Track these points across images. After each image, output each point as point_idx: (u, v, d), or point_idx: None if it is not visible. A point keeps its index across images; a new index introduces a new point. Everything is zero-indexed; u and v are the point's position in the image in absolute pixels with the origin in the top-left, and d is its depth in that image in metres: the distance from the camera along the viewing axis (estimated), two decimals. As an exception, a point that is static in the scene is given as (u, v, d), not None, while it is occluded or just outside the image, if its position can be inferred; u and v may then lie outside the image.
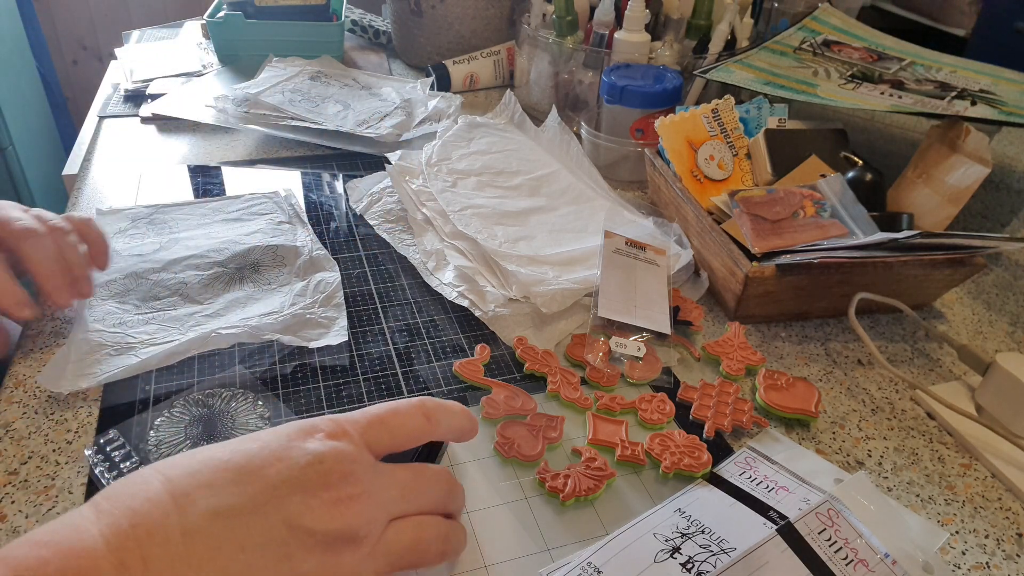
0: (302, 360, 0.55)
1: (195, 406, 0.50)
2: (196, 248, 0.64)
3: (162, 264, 0.62)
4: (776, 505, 0.44)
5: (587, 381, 0.55)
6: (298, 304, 0.58)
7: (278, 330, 0.55)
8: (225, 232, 0.67)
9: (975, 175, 0.64)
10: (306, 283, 0.61)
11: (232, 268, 0.63)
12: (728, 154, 0.73)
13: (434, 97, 0.95)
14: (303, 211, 0.72)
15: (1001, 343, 0.64)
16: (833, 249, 0.57)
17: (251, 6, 1.02)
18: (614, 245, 0.64)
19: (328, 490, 0.33)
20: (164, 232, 0.67)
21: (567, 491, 0.45)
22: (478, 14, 1.06)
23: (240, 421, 0.50)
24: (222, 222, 0.69)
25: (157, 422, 0.49)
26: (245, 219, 0.70)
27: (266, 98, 0.88)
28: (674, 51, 0.89)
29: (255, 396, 0.51)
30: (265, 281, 0.62)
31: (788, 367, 0.59)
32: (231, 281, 0.62)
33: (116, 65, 1.07)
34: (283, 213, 0.71)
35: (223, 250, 0.64)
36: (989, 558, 0.45)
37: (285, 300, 0.59)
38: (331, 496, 0.33)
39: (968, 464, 0.51)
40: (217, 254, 0.63)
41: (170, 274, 0.61)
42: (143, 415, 0.49)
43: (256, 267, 0.63)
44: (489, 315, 0.59)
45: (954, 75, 0.78)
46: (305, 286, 0.60)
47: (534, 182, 0.77)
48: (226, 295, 0.60)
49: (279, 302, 0.59)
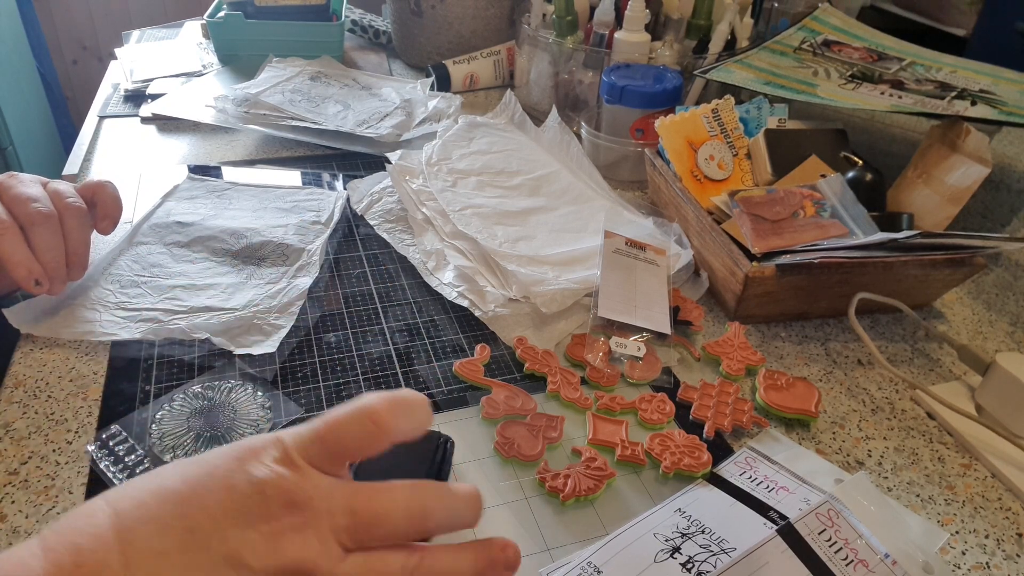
0: (302, 360, 0.55)
1: (195, 399, 0.51)
2: (226, 226, 0.67)
3: (188, 239, 0.66)
4: (776, 505, 0.44)
5: (587, 381, 0.55)
6: (262, 306, 0.58)
7: (215, 331, 0.56)
8: (265, 219, 0.70)
9: (975, 175, 0.64)
10: (284, 286, 0.61)
11: (241, 257, 0.64)
12: (728, 154, 0.73)
13: (434, 97, 0.95)
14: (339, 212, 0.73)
15: (1001, 343, 0.64)
16: (833, 249, 0.57)
17: (251, 6, 1.02)
18: (614, 245, 0.64)
19: (268, 522, 0.30)
20: (219, 206, 0.71)
21: (567, 491, 0.45)
22: (478, 14, 1.06)
23: (242, 412, 0.50)
24: (274, 210, 0.72)
25: (158, 415, 0.49)
26: (293, 212, 0.72)
27: (266, 98, 0.88)
28: (674, 51, 0.89)
29: (254, 387, 0.52)
30: (259, 275, 0.62)
31: (788, 367, 0.59)
32: (232, 267, 0.63)
33: (116, 65, 1.07)
34: (325, 214, 0.72)
35: (243, 238, 0.66)
36: (989, 558, 0.45)
37: (254, 298, 0.59)
38: (271, 529, 0.30)
39: (968, 464, 0.51)
40: (236, 241, 0.66)
41: (189, 251, 0.65)
42: (143, 411, 0.49)
43: (260, 260, 0.64)
44: (489, 315, 0.59)
45: (954, 75, 0.78)
46: (280, 289, 0.61)
47: (534, 182, 0.77)
48: (218, 278, 0.61)
49: (247, 299, 0.59)
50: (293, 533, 0.30)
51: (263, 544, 0.30)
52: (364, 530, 0.32)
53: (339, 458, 0.33)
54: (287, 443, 0.32)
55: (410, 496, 0.33)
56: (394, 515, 0.32)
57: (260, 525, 0.30)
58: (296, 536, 0.30)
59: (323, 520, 0.31)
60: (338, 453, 0.33)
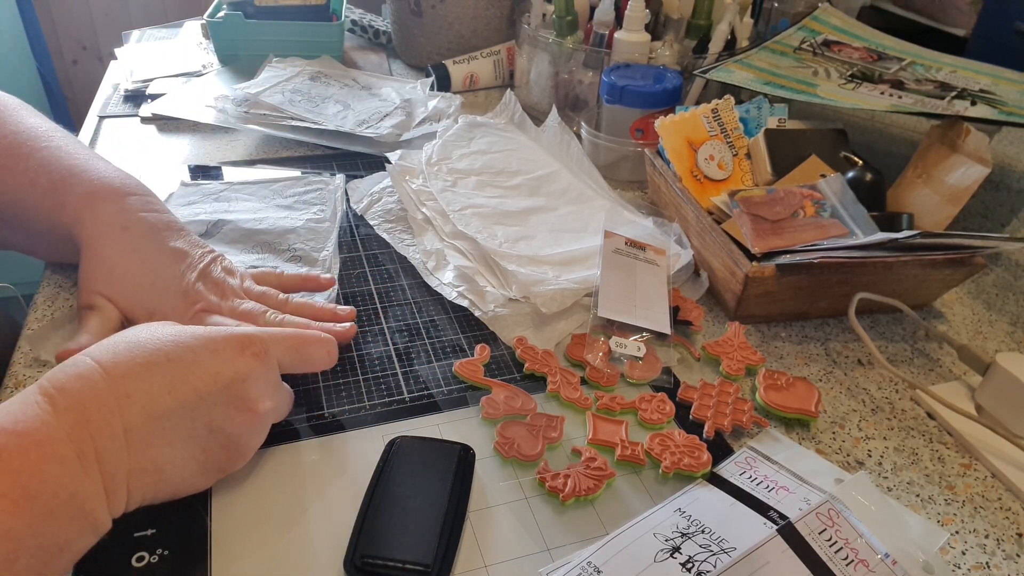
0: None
1: None
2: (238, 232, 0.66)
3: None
4: (776, 505, 0.44)
5: (587, 381, 0.55)
6: None
7: None
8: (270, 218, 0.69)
9: (975, 175, 0.64)
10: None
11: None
12: (728, 154, 0.73)
13: (434, 97, 0.95)
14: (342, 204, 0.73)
15: (1001, 343, 0.64)
16: (833, 249, 0.57)
17: (251, 6, 1.02)
18: (614, 245, 0.64)
19: (247, 405, 0.41)
20: (219, 210, 0.70)
21: (567, 491, 0.45)
22: (478, 14, 1.06)
23: None
24: (276, 208, 0.71)
25: None
26: (297, 207, 0.71)
27: (266, 98, 0.88)
28: (674, 51, 0.89)
29: None
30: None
31: (788, 367, 0.59)
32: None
33: (116, 65, 1.07)
34: (328, 207, 0.72)
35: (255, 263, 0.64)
36: (989, 558, 0.45)
37: None
38: (248, 409, 0.41)
39: (968, 464, 0.51)
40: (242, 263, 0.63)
41: None
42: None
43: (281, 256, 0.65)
44: (489, 315, 0.59)
45: (954, 75, 0.78)
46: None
47: (534, 182, 0.77)
48: None
49: None
50: (267, 416, 0.43)
51: (242, 419, 0.41)
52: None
53: (297, 367, 0.46)
54: (268, 344, 0.43)
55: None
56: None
57: (240, 406, 0.41)
58: (268, 418, 0.44)
59: (284, 402, 0.47)
60: (299, 364, 0.46)
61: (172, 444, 0.38)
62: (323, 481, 0.46)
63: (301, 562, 0.41)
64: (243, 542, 0.41)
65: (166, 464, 0.38)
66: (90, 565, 0.39)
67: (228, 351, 0.40)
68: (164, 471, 0.38)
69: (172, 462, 0.38)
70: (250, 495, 0.44)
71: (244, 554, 0.41)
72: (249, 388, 0.41)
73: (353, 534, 0.41)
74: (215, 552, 0.41)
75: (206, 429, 0.39)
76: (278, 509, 0.44)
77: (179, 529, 0.42)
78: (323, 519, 0.43)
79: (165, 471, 0.38)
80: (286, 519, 0.43)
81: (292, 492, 0.45)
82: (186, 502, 0.42)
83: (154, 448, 0.37)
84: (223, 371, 0.39)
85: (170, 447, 0.38)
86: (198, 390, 0.38)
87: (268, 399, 0.42)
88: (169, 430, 0.37)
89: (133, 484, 0.36)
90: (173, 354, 0.38)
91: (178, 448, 0.38)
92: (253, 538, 0.42)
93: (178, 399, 0.37)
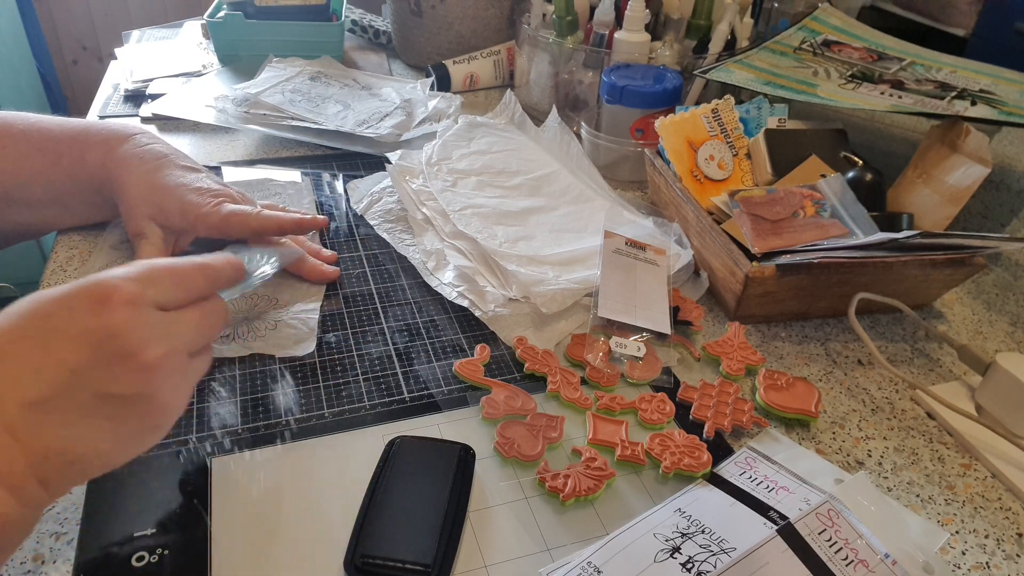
0: (302, 360, 0.55)
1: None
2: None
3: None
4: (776, 505, 0.44)
5: (587, 381, 0.55)
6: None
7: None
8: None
9: (975, 175, 0.64)
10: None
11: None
12: (728, 154, 0.73)
13: (434, 97, 0.95)
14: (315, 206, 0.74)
15: (1001, 343, 0.64)
16: (833, 249, 0.57)
17: (251, 6, 1.02)
18: (614, 245, 0.64)
19: (129, 359, 0.35)
20: None
21: (567, 491, 0.45)
22: (478, 14, 1.06)
23: None
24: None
25: None
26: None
27: (266, 98, 0.88)
28: (674, 51, 0.89)
29: None
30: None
31: (788, 367, 0.59)
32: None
33: (116, 65, 1.07)
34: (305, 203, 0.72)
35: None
36: (989, 558, 0.45)
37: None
38: (134, 364, 0.35)
39: (968, 464, 0.51)
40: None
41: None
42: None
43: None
44: (489, 315, 0.59)
45: (954, 75, 0.78)
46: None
47: (534, 182, 0.77)
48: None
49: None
50: (156, 367, 0.36)
51: (129, 377, 0.36)
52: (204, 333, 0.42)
53: (174, 302, 0.39)
54: (131, 288, 0.37)
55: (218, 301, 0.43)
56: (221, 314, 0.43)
57: (123, 362, 0.35)
58: (159, 368, 0.37)
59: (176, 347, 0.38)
60: (174, 297, 0.39)
61: (66, 424, 0.35)
62: (323, 481, 0.46)
63: (301, 562, 0.41)
64: (243, 542, 0.41)
65: (70, 446, 0.35)
66: (90, 565, 0.39)
67: (84, 310, 0.35)
68: (71, 452, 0.35)
69: (77, 442, 0.35)
70: (250, 495, 0.44)
71: (244, 554, 0.41)
72: (126, 341, 0.35)
73: (353, 534, 0.41)
74: (215, 552, 0.41)
75: (97, 399, 0.35)
76: (278, 509, 0.44)
77: (179, 529, 0.42)
78: (323, 519, 0.43)
79: (73, 451, 0.35)
80: (286, 519, 0.43)
81: (292, 492, 0.45)
82: (186, 502, 0.42)
83: (47, 434, 0.34)
84: (87, 333, 0.35)
85: (66, 428, 0.35)
86: (66, 362, 0.34)
87: (155, 344, 0.36)
88: (55, 412, 0.34)
89: (41, 474, 0.34)
90: (28, 331, 0.35)
91: (77, 427, 0.35)
92: (253, 538, 0.42)
93: (48, 379, 0.34)
